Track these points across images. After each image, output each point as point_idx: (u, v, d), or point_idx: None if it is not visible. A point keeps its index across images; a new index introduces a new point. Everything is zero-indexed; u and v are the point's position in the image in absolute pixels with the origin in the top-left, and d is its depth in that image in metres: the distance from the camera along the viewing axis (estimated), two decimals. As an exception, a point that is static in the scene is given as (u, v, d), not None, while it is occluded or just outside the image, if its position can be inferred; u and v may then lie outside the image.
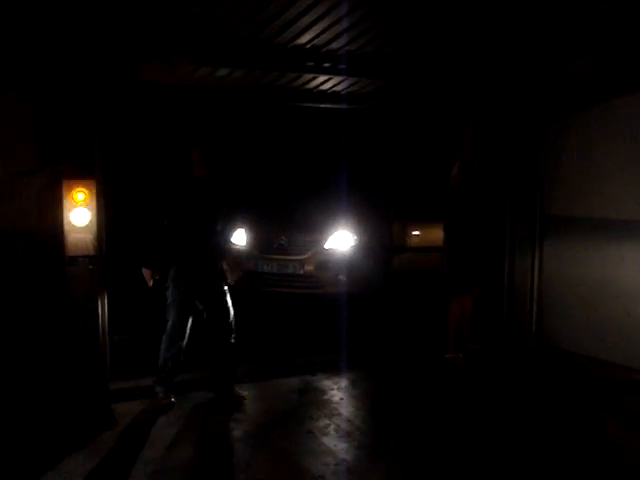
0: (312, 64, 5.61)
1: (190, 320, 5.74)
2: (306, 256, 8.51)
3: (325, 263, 8.46)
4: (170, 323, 5.71)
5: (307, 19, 4.66)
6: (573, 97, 7.17)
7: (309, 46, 5.19)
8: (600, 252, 7.07)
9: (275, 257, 8.68)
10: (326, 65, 5.64)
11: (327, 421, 5.41)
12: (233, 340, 5.86)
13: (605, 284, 6.99)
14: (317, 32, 4.91)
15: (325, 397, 6.01)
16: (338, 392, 6.14)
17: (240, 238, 9.04)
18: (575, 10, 4.68)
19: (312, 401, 5.90)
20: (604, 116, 6.98)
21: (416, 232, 9.51)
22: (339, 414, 5.59)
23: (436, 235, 8.31)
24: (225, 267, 5.83)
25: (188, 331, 5.75)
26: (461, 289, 7.11)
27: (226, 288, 5.83)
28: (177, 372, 5.80)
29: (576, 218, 7.37)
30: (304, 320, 8.30)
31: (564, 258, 7.52)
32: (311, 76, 5.95)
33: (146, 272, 5.61)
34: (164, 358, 5.73)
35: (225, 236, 5.84)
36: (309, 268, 8.48)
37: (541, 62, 5.93)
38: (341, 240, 8.51)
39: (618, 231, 6.86)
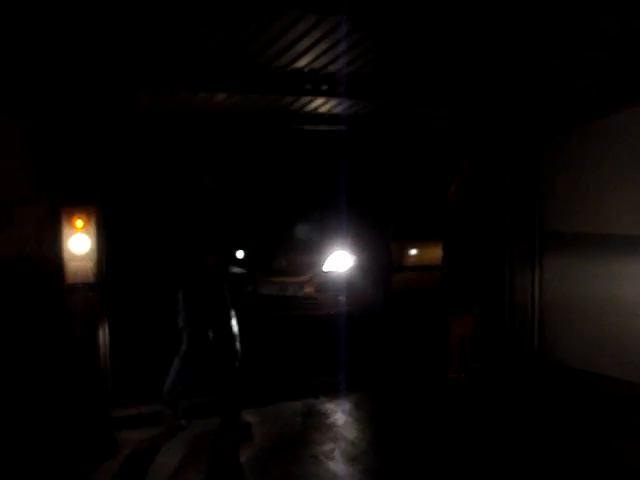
0: (310, 87, 5.63)
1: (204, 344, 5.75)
2: (306, 278, 8.50)
3: (325, 284, 8.45)
4: (184, 348, 5.71)
5: (304, 43, 4.67)
6: (570, 113, 7.21)
7: (307, 69, 5.21)
8: (600, 267, 7.06)
9: (275, 279, 8.66)
10: (324, 88, 5.67)
11: (332, 445, 5.37)
12: (237, 365, 5.82)
13: (606, 299, 6.97)
14: (314, 56, 4.92)
15: (329, 420, 5.96)
16: (342, 415, 6.09)
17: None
18: (568, 28, 4.71)
19: (316, 425, 5.85)
20: (601, 132, 7.00)
21: (414, 251, 9.49)
22: (344, 438, 5.55)
23: (435, 254, 8.32)
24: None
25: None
26: (461, 308, 7.09)
27: (232, 313, 5.82)
28: (183, 394, 5.78)
29: (575, 234, 7.36)
30: (305, 342, 8.26)
31: (564, 274, 7.51)
32: (309, 99, 5.97)
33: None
34: (174, 382, 5.71)
35: (229, 260, 5.84)
36: (309, 290, 8.47)
37: (537, 80, 5.97)
38: (340, 261, 8.50)
39: (618, 246, 6.86)
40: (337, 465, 5.00)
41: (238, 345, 5.83)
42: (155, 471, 4.88)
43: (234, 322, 5.81)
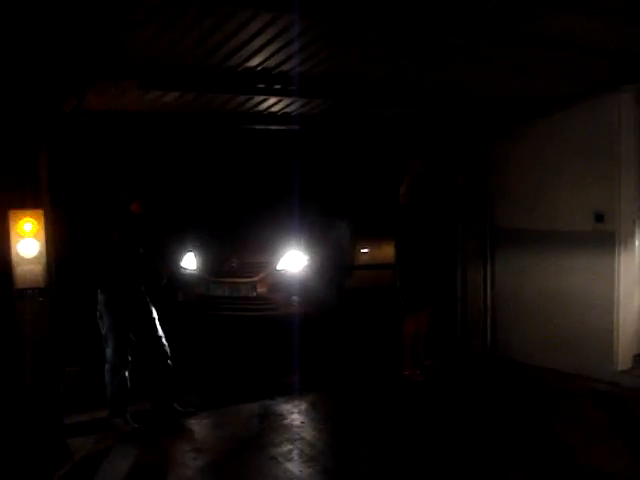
0: (263, 86, 5.58)
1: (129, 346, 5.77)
2: (258, 278, 8.42)
3: (278, 284, 8.39)
4: (110, 352, 5.68)
5: (257, 42, 4.62)
6: (519, 112, 7.32)
7: (260, 68, 5.16)
8: (550, 262, 7.20)
9: (227, 280, 8.57)
10: (277, 87, 5.62)
11: (290, 446, 5.34)
12: (170, 362, 5.90)
13: (557, 295, 7.11)
14: (268, 55, 4.88)
15: (286, 421, 5.94)
16: (299, 416, 6.08)
17: (190, 262, 8.93)
18: (513, 27, 4.76)
19: (273, 426, 5.82)
20: (550, 129, 7.13)
21: (366, 250, 9.52)
22: (301, 438, 5.52)
23: (387, 252, 8.38)
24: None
25: (130, 357, 5.76)
26: (414, 306, 7.14)
27: (155, 315, 5.88)
28: (127, 399, 5.74)
29: (526, 230, 7.49)
30: (259, 343, 8.21)
31: (515, 270, 7.63)
32: (262, 98, 5.92)
33: None
34: (112, 388, 5.68)
35: (152, 263, 5.94)
36: (262, 290, 8.39)
37: (486, 80, 6.02)
38: (293, 260, 8.46)
39: (567, 241, 7.00)
40: (295, 466, 4.98)
41: (166, 344, 5.87)
42: (112, 478, 4.78)
43: (157, 322, 5.87)
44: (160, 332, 5.88)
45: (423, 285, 7.12)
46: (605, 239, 6.63)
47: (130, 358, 5.76)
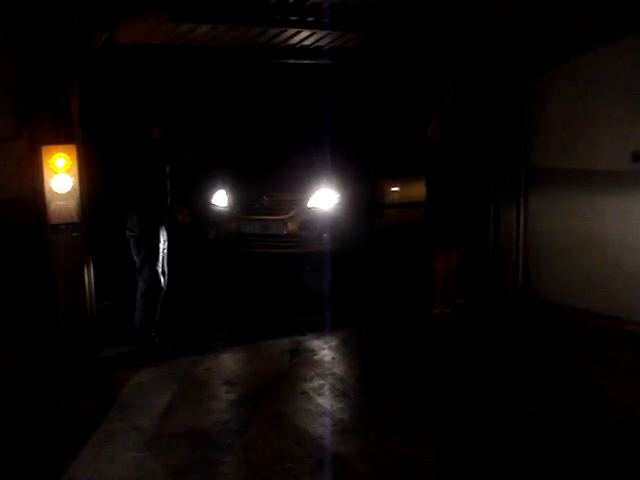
0: (296, 18, 5.45)
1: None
2: (289, 216, 8.42)
3: (309, 222, 8.39)
4: (147, 276, 5.82)
5: (291, -28, 4.50)
6: (554, 47, 7.08)
7: (293, 0, 5.03)
8: (585, 203, 7.06)
9: (258, 217, 8.59)
10: (310, 19, 5.49)
11: (321, 381, 5.40)
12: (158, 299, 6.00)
13: (590, 236, 6.99)
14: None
15: (317, 357, 6.00)
16: (329, 351, 6.13)
17: (221, 199, 8.94)
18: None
19: (304, 362, 5.88)
20: (589, 65, 6.90)
21: (397, 188, 9.44)
22: (333, 374, 5.58)
23: (418, 191, 8.31)
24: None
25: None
26: (448, 244, 7.09)
27: (164, 247, 6.00)
28: (154, 326, 5.99)
29: (560, 170, 7.34)
30: (290, 280, 8.26)
31: (549, 211, 7.50)
32: (295, 31, 5.79)
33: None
34: (144, 314, 5.88)
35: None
36: (293, 228, 8.40)
37: (522, 12, 5.83)
38: (324, 198, 8.43)
39: (603, 182, 6.85)
40: (327, 401, 5.04)
41: (162, 279, 5.95)
42: (146, 410, 4.89)
43: (162, 255, 5.96)
44: (163, 266, 5.97)
45: (456, 223, 7.07)
46: (643, 179, 6.49)
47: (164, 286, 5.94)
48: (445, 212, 7.03)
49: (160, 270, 5.87)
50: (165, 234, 5.96)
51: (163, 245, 5.93)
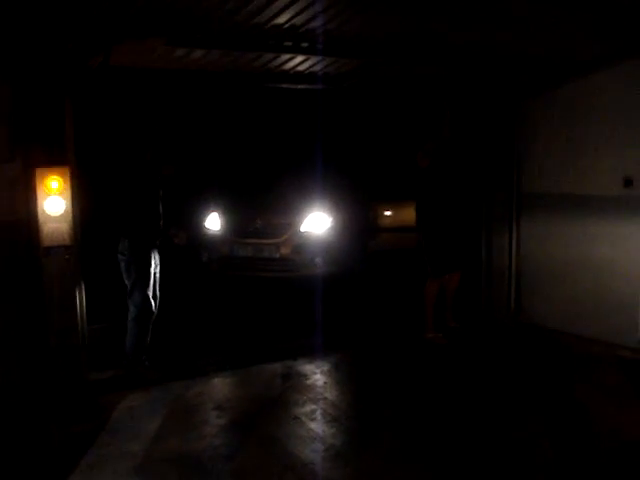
0: (290, 44, 5.50)
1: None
2: (282, 239, 8.42)
3: (301, 246, 8.39)
4: (137, 301, 5.78)
5: (286, -2, 4.54)
6: (548, 74, 7.15)
7: (287, 26, 5.07)
8: (577, 228, 7.08)
9: (251, 241, 8.59)
10: (304, 45, 5.54)
11: (313, 406, 5.37)
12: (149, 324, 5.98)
13: (583, 261, 7.01)
14: (296, 11, 4.79)
15: (309, 382, 5.97)
16: (321, 376, 6.10)
17: (214, 222, 8.94)
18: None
19: (296, 386, 5.85)
20: (581, 91, 6.95)
21: (390, 212, 9.48)
22: (324, 399, 5.55)
23: (411, 215, 8.32)
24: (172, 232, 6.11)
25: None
26: (438, 271, 7.11)
27: (157, 271, 5.99)
28: (145, 350, 5.96)
29: (552, 195, 7.37)
30: (282, 304, 8.23)
31: (541, 236, 7.53)
32: (289, 56, 5.84)
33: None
34: (134, 338, 5.84)
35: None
36: (285, 251, 8.40)
37: (516, 40, 5.88)
38: (317, 222, 8.44)
39: (594, 207, 6.87)
40: (319, 426, 5.01)
41: (153, 304, 5.94)
42: (136, 435, 4.84)
43: (155, 279, 5.97)
44: (155, 291, 5.97)
45: (447, 249, 7.09)
46: (634, 204, 6.50)
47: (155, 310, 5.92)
48: (435, 238, 7.07)
49: (151, 294, 5.85)
50: (157, 258, 5.94)
51: (155, 269, 5.91)
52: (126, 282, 5.81)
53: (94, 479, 4.20)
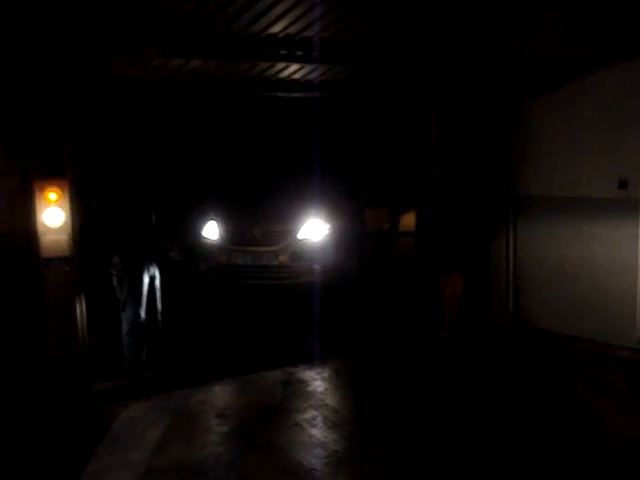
0: (285, 52, 5.53)
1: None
2: (280, 247, 8.41)
3: (299, 253, 8.38)
4: (129, 315, 5.79)
5: (280, 7, 4.59)
6: (541, 77, 7.18)
7: (282, 35, 5.12)
8: (572, 230, 7.12)
9: (248, 249, 8.58)
10: (299, 53, 5.58)
11: (314, 412, 5.39)
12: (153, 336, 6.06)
13: (579, 262, 7.04)
14: (290, 20, 4.84)
15: (309, 388, 5.98)
16: (322, 383, 6.12)
17: (212, 231, 8.95)
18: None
19: (297, 393, 5.87)
20: (574, 95, 7.00)
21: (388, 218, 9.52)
22: (325, 405, 5.57)
23: (409, 221, 8.39)
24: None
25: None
26: (442, 268, 7.32)
27: (157, 285, 6.03)
28: (143, 361, 5.96)
29: (549, 197, 7.40)
30: (281, 311, 8.24)
31: (538, 238, 7.57)
32: (284, 65, 5.88)
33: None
34: (131, 351, 5.84)
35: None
36: (283, 259, 8.39)
37: (508, 45, 5.93)
38: (314, 229, 8.44)
39: (591, 209, 6.91)
40: (320, 432, 5.02)
41: (160, 319, 6.04)
42: (137, 444, 4.84)
43: (158, 292, 6.02)
44: (159, 304, 6.01)
45: (449, 248, 7.29)
46: (628, 206, 6.54)
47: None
48: (443, 239, 7.33)
49: (143, 310, 5.84)
50: (153, 270, 5.94)
51: (154, 282, 5.94)
52: (119, 296, 5.83)
53: (97, 489, 4.21)
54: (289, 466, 4.49)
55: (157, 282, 5.99)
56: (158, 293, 6.02)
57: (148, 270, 5.89)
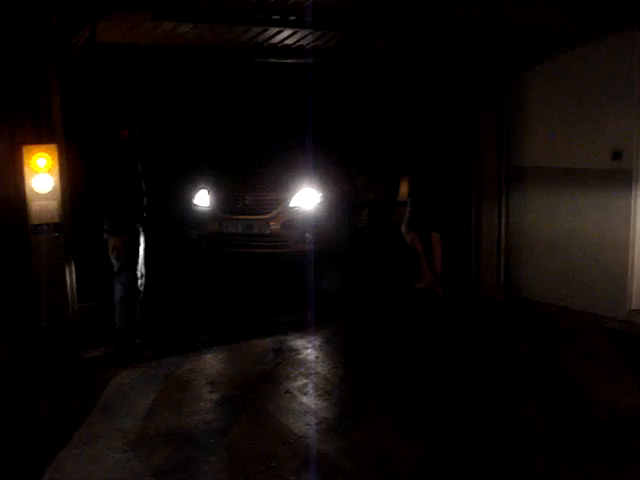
0: (278, 17, 5.44)
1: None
2: (271, 215, 8.38)
3: (291, 222, 8.36)
4: (125, 281, 5.82)
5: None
6: (535, 48, 7.13)
7: (275, -1, 5.03)
8: (566, 201, 7.11)
9: (240, 217, 8.55)
10: (292, 18, 5.48)
11: (305, 380, 5.41)
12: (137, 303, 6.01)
13: (571, 233, 7.05)
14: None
15: (300, 356, 6.00)
16: (313, 350, 6.13)
17: (203, 199, 8.90)
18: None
19: (288, 361, 5.89)
20: (569, 65, 6.95)
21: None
22: (316, 372, 5.59)
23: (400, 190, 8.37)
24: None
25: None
26: (412, 221, 7.84)
27: (141, 251, 5.99)
28: (136, 329, 5.97)
29: (542, 168, 7.38)
30: (273, 280, 8.24)
31: (530, 208, 7.56)
32: (277, 30, 5.77)
33: (118, 240, 5.67)
34: (124, 318, 5.85)
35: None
36: (275, 227, 8.37)
37: (502, 13, 5.85)
38: (306, 198, 8.40)
39: (584, 180, 6.90)
40: (311, 399, 5.05)
41: (141, 282, 5.99)
42: (128, 411, 4.87)
43: (140, 259, 5.98)
44: (141, 269, 5.97)
45: (425, 205, 7.72)
46: (622, 177, 6.52)
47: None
48: (417, 191, 7.85)
49: (139, 274, 5.86)
50: (142, 235, 5.93)
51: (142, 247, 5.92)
52: (113, 262, 5.79)
53: (87, 455, 4.22)
54: (279, 433, 4.51)
55: (142, 247, 5.98)
56: (142, 259, 6.01)
57: (141, 235, 5.88)
